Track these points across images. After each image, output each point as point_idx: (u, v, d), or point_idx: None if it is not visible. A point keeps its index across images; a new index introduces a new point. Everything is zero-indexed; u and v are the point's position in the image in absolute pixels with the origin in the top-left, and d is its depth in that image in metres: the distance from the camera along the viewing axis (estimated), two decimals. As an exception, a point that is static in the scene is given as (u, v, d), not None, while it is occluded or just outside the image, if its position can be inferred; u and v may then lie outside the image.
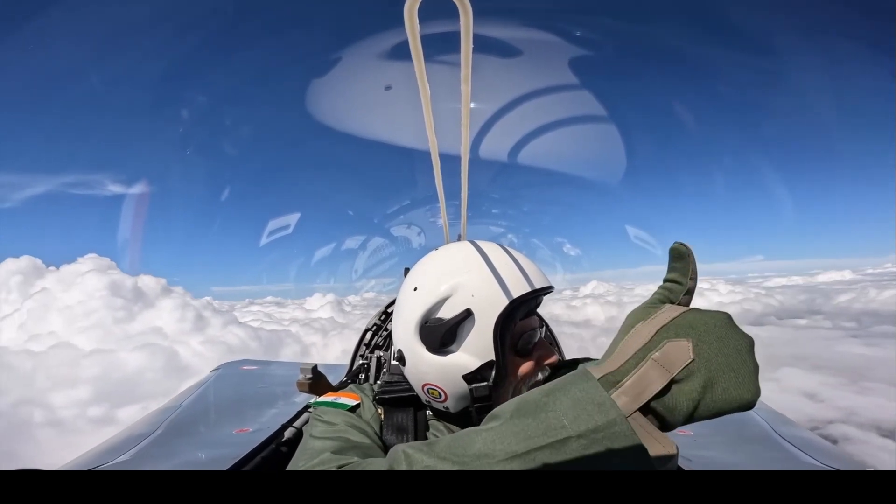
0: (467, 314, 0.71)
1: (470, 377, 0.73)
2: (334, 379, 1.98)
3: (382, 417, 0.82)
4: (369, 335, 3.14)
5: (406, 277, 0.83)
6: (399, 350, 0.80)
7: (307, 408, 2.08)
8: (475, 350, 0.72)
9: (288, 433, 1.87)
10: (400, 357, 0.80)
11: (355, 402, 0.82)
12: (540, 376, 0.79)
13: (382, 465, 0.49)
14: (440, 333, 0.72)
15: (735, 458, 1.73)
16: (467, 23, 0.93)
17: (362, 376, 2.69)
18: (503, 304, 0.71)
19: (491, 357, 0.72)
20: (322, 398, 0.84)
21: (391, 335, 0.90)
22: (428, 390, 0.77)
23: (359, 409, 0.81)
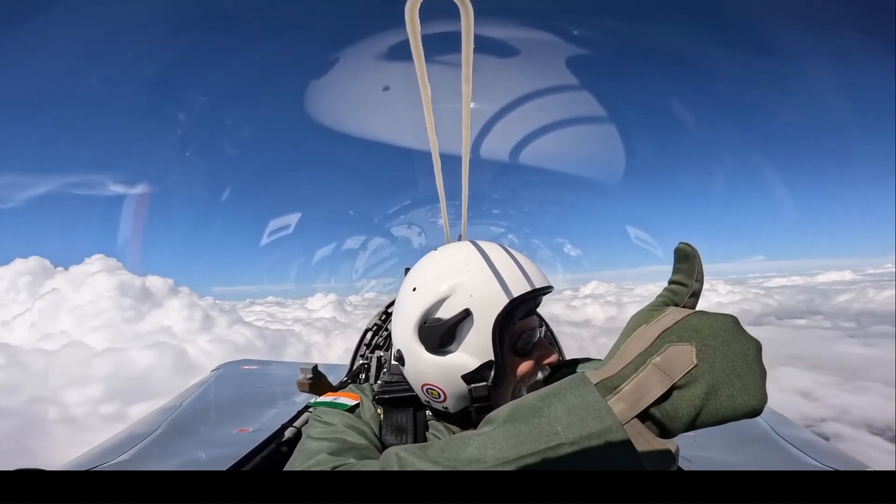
0: (466, 314, 0.71)
1: (469, 377, 0.73)
2: (335, 379, 1.98)
3: (382, 417, 0.82)
4: (370, 335, 3.14)
5: (405, 278, 0.83)
6: (398, 350, 0.80)
7: (307, 408, 2.08)
8: (474, 350, 0.72)
9: (288, 433, 1.87)
10: (399, 357, 0.80)
11: (354, 402, 0.82)
12: (540, 376, 0.79)
13: (375, 468, 0.48)
14: (439, 333, 0.72)
15: (735, 458, 1.73)
16: (468, 23, 0.93)
17: (363, 376, 2.69)
18: (502, 304, 0.71)
19: (490, 357, 0.72)
20: (321, 398, 0.84)
21: (392, 335, 0.90)
22: (427, 390, 0.77)
23: (358, 410, 0.81)
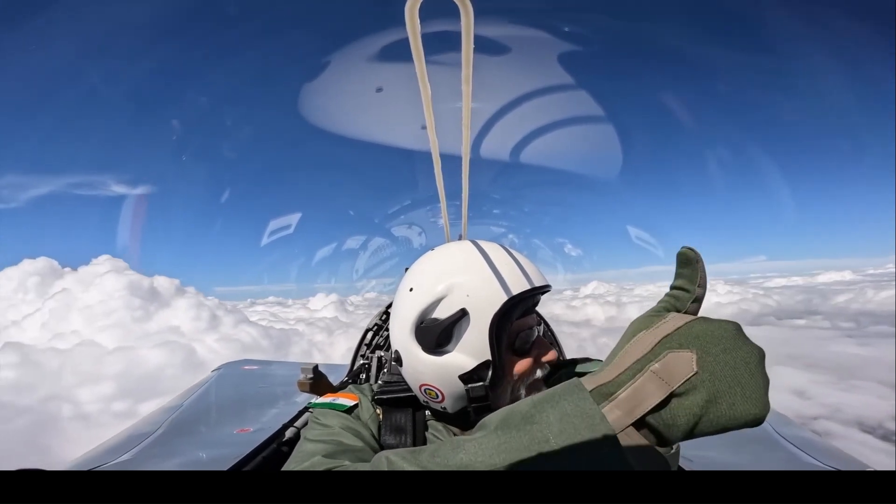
0: (462, 314, 0.71)
1: (466, 377, 0.73)
2: (336, 379, 1.98)
3: (381, 418, 0.81)
4: (370, 335, 3.14)
5: (403, 278, 0.83)
6: (396, 350, 0.79)
7: (308, 408, 2.08)
8: (471, 350, 0.72)
9: (289, 433, 1.87)
10: (397, 358, 0.79)
11: (353, 403, 0.82)
12: (539, 374, 0.79)
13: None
14: (435, 333, 0.72)
15: (735, 458, 1.73)
16: (468, 23, 0.93)
17: (363, 376, 2.69)
18: (499, 304, 0.71)
19: (487, 357, 0.72)
20: (320, 399, 0.84)
21: (390, 335, 0.90)
22: (425, 391, 0.77)
23: (356, 410, 0.81)
